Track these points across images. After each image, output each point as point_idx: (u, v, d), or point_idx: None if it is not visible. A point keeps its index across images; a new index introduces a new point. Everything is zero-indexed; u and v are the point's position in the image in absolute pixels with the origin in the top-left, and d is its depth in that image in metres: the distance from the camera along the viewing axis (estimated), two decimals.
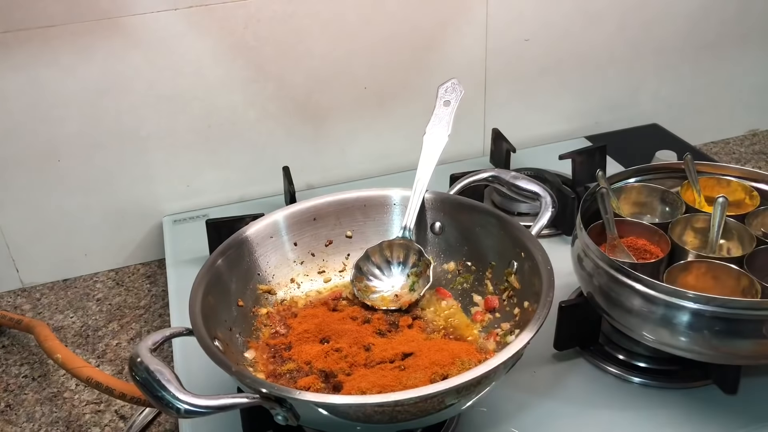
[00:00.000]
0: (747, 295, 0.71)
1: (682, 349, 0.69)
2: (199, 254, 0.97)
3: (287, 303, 0.80)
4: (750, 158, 1.32)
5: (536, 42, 1.16)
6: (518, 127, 1.18)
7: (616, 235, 0.79)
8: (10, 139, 0.97)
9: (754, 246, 0.75)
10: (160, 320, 0.98)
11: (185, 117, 1.04)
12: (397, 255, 0.81)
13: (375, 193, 0.84)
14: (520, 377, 0.76)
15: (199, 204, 1.12)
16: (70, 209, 1.04)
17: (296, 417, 0.57)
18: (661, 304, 0.68)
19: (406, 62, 1.11)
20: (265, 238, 0.79)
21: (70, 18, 0.92)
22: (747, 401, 0.73)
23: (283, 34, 1.03)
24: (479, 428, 0.71)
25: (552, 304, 0.64)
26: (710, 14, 1.24)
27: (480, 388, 0.60)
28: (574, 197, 0.96)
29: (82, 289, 1.06)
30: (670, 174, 0.87)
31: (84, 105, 0.98)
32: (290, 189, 1.01)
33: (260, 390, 0.57)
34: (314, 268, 0.83)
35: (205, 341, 0.62)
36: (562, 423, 0.72)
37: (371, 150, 1.17)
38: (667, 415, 0.72)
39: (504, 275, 0.77)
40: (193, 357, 0.61)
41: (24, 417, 0.84)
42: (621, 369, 0.77)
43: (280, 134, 1.11)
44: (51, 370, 0.91)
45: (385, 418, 0.58)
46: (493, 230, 0.78)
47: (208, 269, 0.71)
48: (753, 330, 0.65)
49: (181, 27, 0.98)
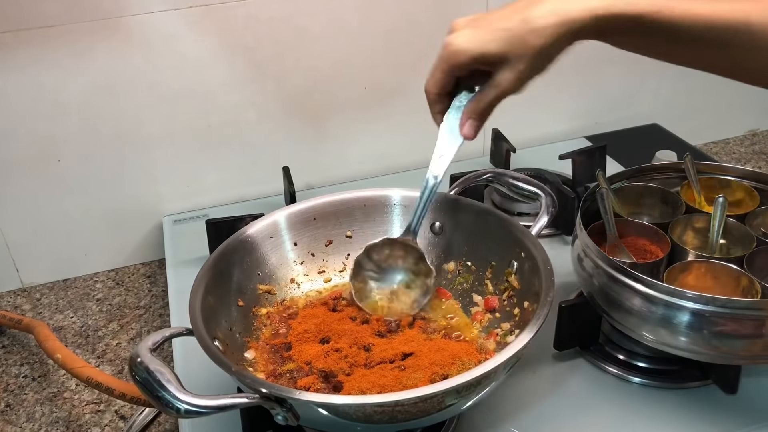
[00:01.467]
0: (747, 295, 0.71)
1: (682, 349, 0.69)
2: (199, 254, 0.97)
3: (287, 303, 0.80)
4: (750, 158, 1.32)
5: None
6: (518, 127, 1.18)
7: (616, 235, 0.79)
8: (10, 139, 0.97)
9: (754, 246, 0.75)
10: (160, 320, 0.98)
11: (185, 117, 1.04)
12: (399, 254, 0.79)
13: (375, 193, 0.84)
14: (520, 377, 0.76)
15: (199, 204, 1.12)
16: (70, 209, 1.04)
17: (296, 417, 0.57)
18: (661, 304, 0.68)
19: (406, 62, 1.11)
20: (266, 238, 0.79)
21: (70, 18, 0.92)
22: (747, 401, 0.73)
23: (283, 34, 1.03)
24: (479, 428, 0.71)
25: (552, 304, 0.64)
26: None
27: (480, 389, 0.60)
28: (574, 197, 0.96)
29: (82, 289, 1.06)
30: (670, 174, 0.87)
31: (84, 105, 0.98)
32: (290, 189, 1.01)
33: (260, 390, 0.57)
34: (314, 268, 0.83)
35: (204, 341, 0.62)
36: (562, 423, 0.72)
37: (371, 150, 1.17)
38: (667, 415, 0.72)
39: (504, 275, 0.77)
40: (193, 357, 0.61)
41: (24, 417, 0.84)
42: (621, 369, 0.77)
43: (280, 134, 1.11)
44: (51, 370, 0.91)
45: (385, 418, 0.58)
46: (493, 230, 0.78)
47: (208, 269, 0.71)
48: (753, 330, 0.65)
49: (181, 27, 0.98)
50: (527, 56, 0.60)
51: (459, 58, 0.63)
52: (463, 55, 0.62)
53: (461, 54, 0.62)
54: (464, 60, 0.63)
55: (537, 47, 0.60)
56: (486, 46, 0.61)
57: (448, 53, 0.63)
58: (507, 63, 0.61)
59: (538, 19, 0.59)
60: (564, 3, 0.59)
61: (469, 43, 0.62)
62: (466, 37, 0.62)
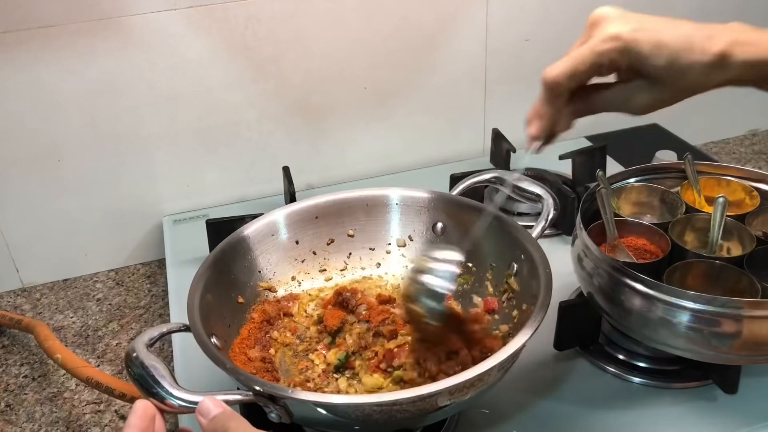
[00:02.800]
0: (747, 295, 0.71)
1: (682, 349, 0.69)
2: (199, 254, 0.97)
3: (287, 300, 0.80)
4: (750, 158, 1.32)
5: (536, 42, 1.17)
6: (518, 127, 1.17)
7: (616, 235, 0.79)
8: (10, 139, 0.97)
9: (754, 246, 0.75)
10: (160, 320, 0.98)
11: (185, 117, 1.04)
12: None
13: (378, 192, 0.84)
14: (520, 377, 0.76)
15: (199, 204, 1.12)
16: (70, 209, 1.04)
17: (289, 415, 0.57)
18: (661, 304, 0.68)
19: (406, 62, 1.11)
20: (267, 235, 0.79)
21: (70, 18, 0.92)
22: (747, 401, 0.73)
23: (283, 34, 1.03)
24: (480, 428, 0.71)
25: (549, 307, 0.64)
26: (710, 14, 1.24)
27: (475, 390, 0.60)
28: (574, 197, 0.96)
29: (82, 289, 1.06)
30: (670, 174, 0.87)
31: (84, 105, 0.98)
32: (290, 189, 1.01)
33: (253, 387, 0.57)
34: (315, 266, 0.83)
35: (201, 337, 0.62)
36: (562, 423, 0.72)
37: (371, 150, 1.17)
38: (667, 415, 0.72)
39: (504, 277, 0.77)
40: (194, 354, 0.61)
41: (24, 417, 0.84)
42: (621, 369, 0.77)
43: (280, 134, 1.11)
44: (51, 370, 0.91)
45: (384, 418, 0.58)
46: (494, 231, 0.78)
47: (209, 266, 0.71)
48: (753, 330, 0.65)
49: (181, 27, 0.98)
50: (679, 89, 0.56)
51: (620, 55, 0.55)
52: (626, 54, 0.55)
53: (625, 52, 0.55)
54: (622, 59, 0.55)
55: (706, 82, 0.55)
56: (651, 60, 0.54)
57: (606, 48, 0.55)
58: (655, 82, 0.56)
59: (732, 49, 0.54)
60: (735, 46, 0.54)
61: (637, 43, 0.54)
62: (631, 35, 0.54)
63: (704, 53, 0.54)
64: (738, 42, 0.55)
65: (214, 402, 0.52)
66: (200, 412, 0.52)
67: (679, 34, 0.55)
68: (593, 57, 0.56)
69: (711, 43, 0.55)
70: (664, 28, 0.55)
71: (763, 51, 0.55)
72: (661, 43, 0.54)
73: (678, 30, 0.55)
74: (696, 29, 0.55)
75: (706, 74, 0.55)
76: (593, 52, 0.56)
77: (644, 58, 0.55)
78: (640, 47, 0.55)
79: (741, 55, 0.55)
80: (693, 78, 0.55)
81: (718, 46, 0.54)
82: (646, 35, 0.55)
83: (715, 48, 0.54)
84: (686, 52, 0.54)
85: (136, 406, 0.52)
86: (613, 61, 0.56)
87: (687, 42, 0.55)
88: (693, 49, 0.54)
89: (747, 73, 0.56)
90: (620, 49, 0.55)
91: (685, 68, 0.55)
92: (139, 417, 0.51)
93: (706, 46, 0.54)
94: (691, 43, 0.55)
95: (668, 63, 0.55)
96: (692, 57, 0.54)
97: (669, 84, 0.56)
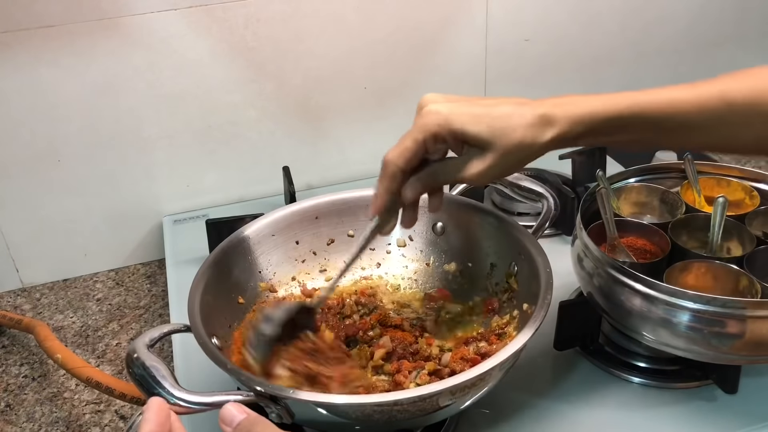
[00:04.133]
0: (747, 295, 0.71)
1: (682, 349, 0.69)
2: (199, 254, 0.97)
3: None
4: (750, 158, 1.32)
5: (536, 42, 1.16)
6: None
7: (616, 235, 0.79)
8: (10, 139, 0.97)
9: (754, 246, 0.75)
10: (160, 320, 0.98)
11: (185, 117, 1.04)
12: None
13: None
14: (520, 377, 0.76)
15: (199, 204, 1.12)
16: (70, 209, 1.04)
17: (291, 415, 0.57)
18: (661, 304, 0.68)
19: (406, 62, 1.11)
20: (267, 236, 0.79)
21: (70, 18, 0.92)
22: (747, 401, 0.73)
23: (283, 34, 1.03)
24: (480, 428, 0.71)
25: (549, 307, 0.64)
26: (710, 15, 1.24)
27: (476, 390, 0.60)
28: (574, 197, 0.96)
29: (82, 289, 1.06)
30: (670, 174, 0.87)
31: (84, 105, 0.98)
32: (290, 189, 1.01)
33: (255, 388, 0.57)
34: (316, 266, 0.83)
35: (202, 338, 0.62)
36: (562, 423, 0.72)
37: (371, 150, 1.17)
38: (667, 415, 0.72)
39: (504, 276, 0.77)
40: (194, 355, 0.61)
41: (24, 417, 0.84)
42: (621, 369, 0.77)
43: (280, 134, 1.11)
44: (51, 370, 0.91)
45: (384, 418, 0.58)
46: (494, 231, 0.78)
47: (209, 266, 0.72)
48: (753, 330, 0.65)
49: (181, 27, 0.98)
50: (506, 151, 0.58)
51: (440, 127, 0.59)
52: (444, 126, 0.58)
53: (443, 124, 0.58)
54: (443, 131, 0.59)
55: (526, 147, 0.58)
56: (469, 126, 0.58)
57: (427, 121, 0.59)
58: (484, 148, 0.59)
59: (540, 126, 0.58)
60: (555, 107, 0.59)
61: (454, 115, 0.58)
62: (449, 109, 0.59)
63: (523, 116, 0.58)
64: (558, 104, 0.59)
65: (237, 408, 0.50)
66: (223, 420, 0.50)
67: (498, 105, 0.59)
68: (416, 133, 0.60)
69: (531, 107, 0.59)
70: (484, 103, 0.60)
71: (583, 107, 0.59)
72: (478, 113, 0.59)
73: (499, 104, 0.59)
74: (517, 103, 0.59)
75: (532, 132, 0.58)
76: (416, 128, 0.60)
77: (464, 125, 0.58)
78: (459, 118, 0.59)
79: (562, 112, 0.58)
80: (519, 137, 0.58)
81: (538, 110, 0.58)
82: (463, 108, 0.59)
83: (536, 111, 0.58)
84: (506, 118, 0.58)
85: (150, 402, 0.51)
86: (435, 134, 0.59)
87: (506, 112, 0.59)
88: (512, 115, 0.58)
89: (575, 128, 0.59)
90: (440, 122, 0.59)
91: (508, 130, 0.58)
92: (155, 412, 0.50)
93: (526, 111, 0.58)
94: (511, 111, 0.59)
95: (489, 128, 0.58)
96: (512, 121, 0.58)
97: (497, 147, 0.59)
